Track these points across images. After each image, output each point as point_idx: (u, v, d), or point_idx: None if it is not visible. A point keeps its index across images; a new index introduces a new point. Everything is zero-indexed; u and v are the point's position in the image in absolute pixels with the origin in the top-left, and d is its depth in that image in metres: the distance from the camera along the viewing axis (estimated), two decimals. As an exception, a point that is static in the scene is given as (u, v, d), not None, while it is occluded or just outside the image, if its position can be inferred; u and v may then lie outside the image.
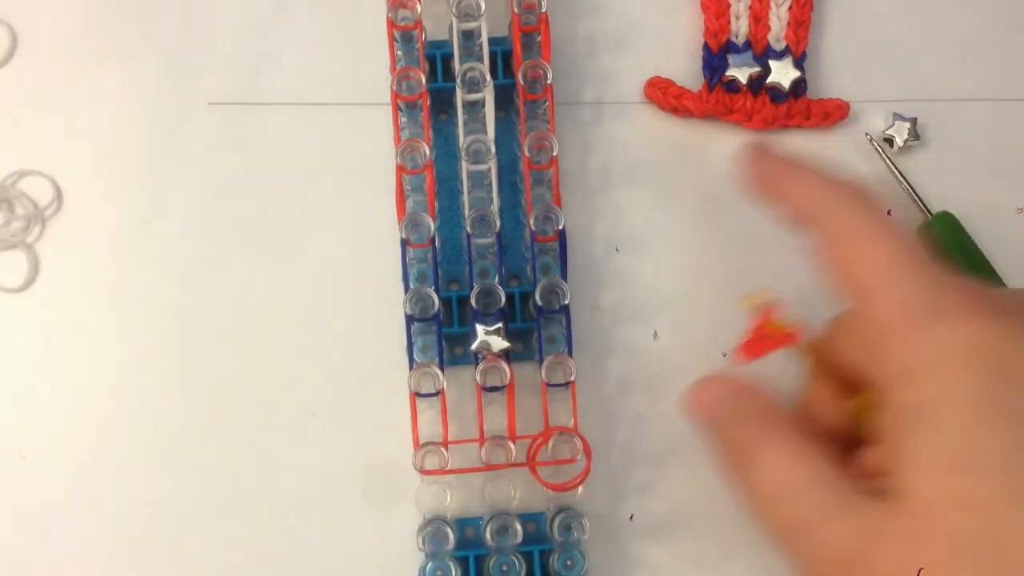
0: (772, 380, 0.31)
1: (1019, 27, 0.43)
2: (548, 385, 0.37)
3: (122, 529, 0.39)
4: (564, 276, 0.37)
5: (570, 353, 0.37)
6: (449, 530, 0.36)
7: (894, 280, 0.27)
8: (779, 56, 0.41)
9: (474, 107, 0.38)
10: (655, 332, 0.41)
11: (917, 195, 0.41)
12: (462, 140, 0.37)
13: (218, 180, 0.41)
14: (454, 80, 0.37)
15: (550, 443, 0.36)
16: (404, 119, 0.39)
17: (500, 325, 0.36)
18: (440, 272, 0.38)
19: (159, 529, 0.39)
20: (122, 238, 0.40)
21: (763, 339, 0.31)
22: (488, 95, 0.37)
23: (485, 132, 0.37)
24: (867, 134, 0.42)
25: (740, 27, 0.42)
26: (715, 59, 0.41)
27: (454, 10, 0.37)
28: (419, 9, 0.38)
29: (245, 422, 0.39)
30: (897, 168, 0.41)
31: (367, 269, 0.40)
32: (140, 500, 0.39)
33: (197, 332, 0.40)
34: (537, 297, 0.37)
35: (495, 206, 0.37)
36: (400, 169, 0.37)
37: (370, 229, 0.40)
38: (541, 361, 0.37)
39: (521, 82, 0.38)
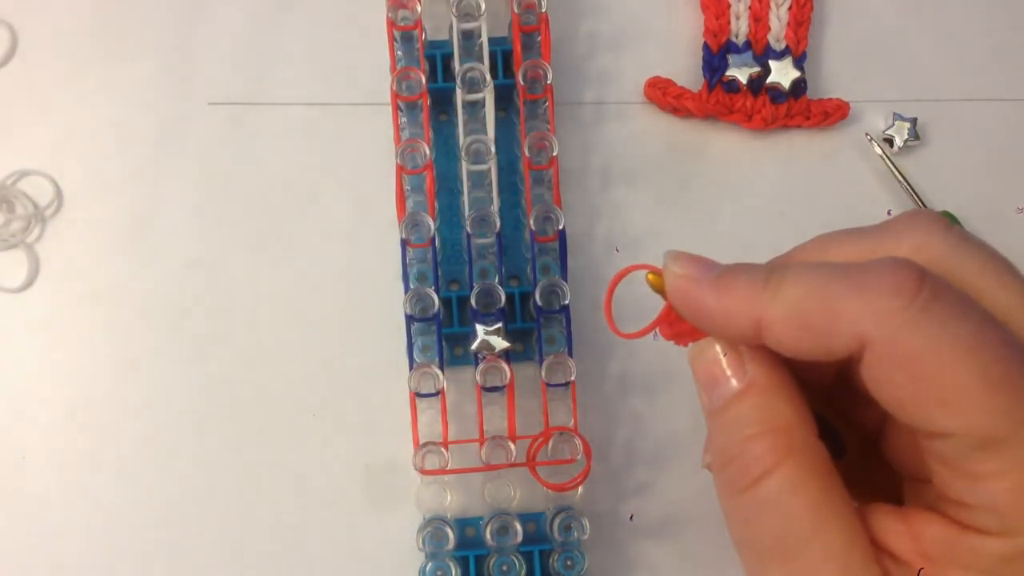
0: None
1: (1019, 27, 0.43)
2: (548, 385, 0.37)
3: (122, 529, 0.39)
4: (564, 276, 0.37)
5: (570, 353, 0.37)
6: (449, 530, 0.36)
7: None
8: (779, 56, 0.41)
9: (474, 107, 0.38)
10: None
11: (917, 195, 0.41)
12: (462, 140, 0.37)
13: (218, 180, 0.41)
14: (454, 80, 0.37)
15: (550, 443, 0.36)
16: (404, 119, 0.39)
17: (500, 325, 0.36)
18: (440, 272, 0.38)
19: (159, 529, 0.39)
20: (122, 238, 0.40)
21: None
22: (488, 95, 0.37)
23: (485, 132, 0.37)
24: (867, 134, 0.42)
25: (740, 27, 0.42)
26: (715, 59, 0.41)
27: (454, 10, 0.37)
28: (419, 9, 0.38)
29: (245, 422, 0.39)
30: (897, 168, 0.41)
31: (367, 269, 0.40)
32: (140, 500, 0.39)
33: (197, 332, 0.40)
34: (537, 297, 0.36)
35: (495, 206, 0.37)
36: (400, 169, 0.37)
37: (370, 229, 0.40)
38: (541, 361, 0.37)
39: (521, 82, 0.38)
